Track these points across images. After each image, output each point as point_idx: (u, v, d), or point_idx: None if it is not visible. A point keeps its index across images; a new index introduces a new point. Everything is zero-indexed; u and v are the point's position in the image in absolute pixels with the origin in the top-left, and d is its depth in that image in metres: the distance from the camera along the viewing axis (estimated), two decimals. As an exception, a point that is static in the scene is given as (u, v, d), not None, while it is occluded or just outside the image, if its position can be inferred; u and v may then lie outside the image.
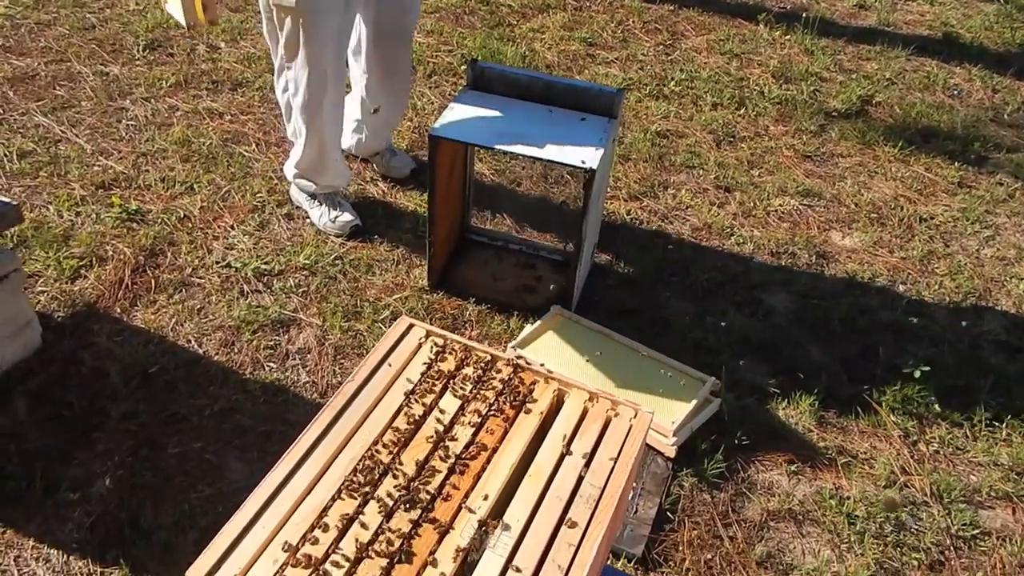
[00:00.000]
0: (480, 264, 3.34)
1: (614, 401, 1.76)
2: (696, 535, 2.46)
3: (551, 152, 2.71)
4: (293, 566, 1.44)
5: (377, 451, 1.63)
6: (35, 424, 2.54)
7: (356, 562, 1.46)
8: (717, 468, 2.63)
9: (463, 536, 1.51)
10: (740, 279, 3.37)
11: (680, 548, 2.42)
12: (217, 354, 2.85)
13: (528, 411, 1.74)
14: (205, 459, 2.53)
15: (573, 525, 1.54)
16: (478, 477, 1.61)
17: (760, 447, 2.73)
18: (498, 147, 2.75)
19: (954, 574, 2.43)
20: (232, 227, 3.39)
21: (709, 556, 2.41)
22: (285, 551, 1.46)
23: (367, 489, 1.56)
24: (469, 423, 1.70)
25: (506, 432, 1.70)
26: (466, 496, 1.58)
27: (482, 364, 1.82)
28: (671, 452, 2.61)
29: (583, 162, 2.69)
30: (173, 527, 2.31)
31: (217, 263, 3.21)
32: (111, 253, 3.19)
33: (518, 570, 1.46)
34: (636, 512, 2.47)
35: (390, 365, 1.81)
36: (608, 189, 3.68)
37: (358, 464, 1.61)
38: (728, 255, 3.50)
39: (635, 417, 1.74)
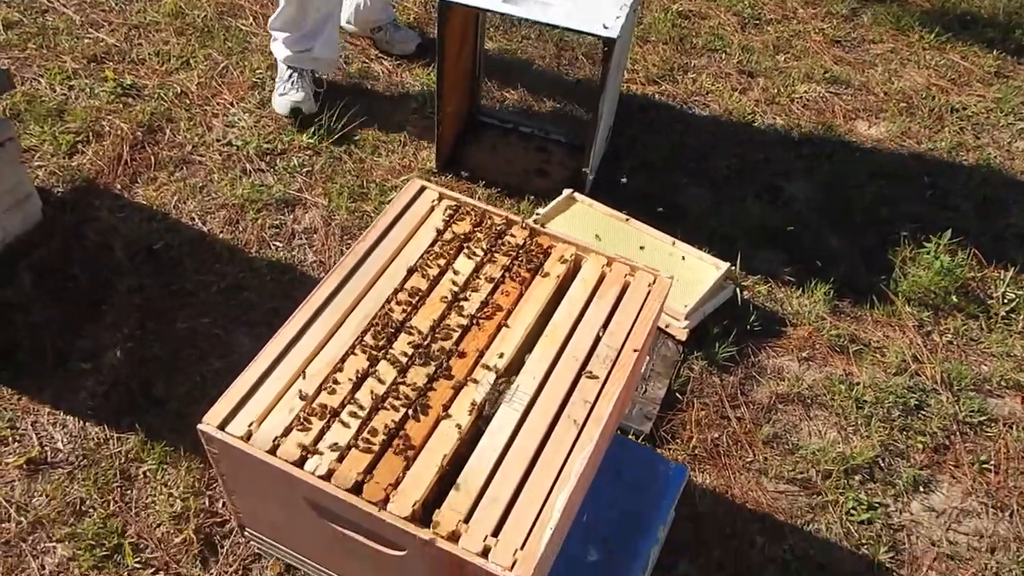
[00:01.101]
0: (490, 146, 3.35)
1: (632, 266, 1.81)
2: (704, 415, 2.55)
3: (569, 18, 2.68)
4: (309, 415, 1.51)
5: (390, 309, 1.69)
6: (41, 297, 2.60)
7: (372, 413, 1.53)
8: (728, 352, 2.70)
9: (478, 391, 1.58)
10: (760, 167, 3.39)
11: (688, 427, 2.51)
12: (222, 232, 2.90)
13: (544, 274, 1.79)
14: (214, 334, 2.60)
15: (590, 381, 1.60)
16: (493, 336, 1.67)
17: (772, 333, 2.80)
18: (512, 12, 2.70)
19: (958, 457, 2.53)
20: (232, 104, 3.38)
21: (716, 435, 2.51)
22: (302, 400, 1.53)
23: (381, 345, 1.63)
24: (484, 285, 1.75)
25: (522, 294, 1.75)
26: (481, 354, 1.64)
27: (497, 227, 1.86)
28: (682, 335, 2.68)
29: (604, 27, 2.65)
30: (185, 397, 2.40)
31: (218, 141, 3.22)
32: (108, 129, 3.19)
33: (533, 423, 1.53)
34: (645, 392, 2.56)
35: (402, 226, 1.84)
36: (625, 72, 3.65)
37: (371, 321, 1.66)
38: (749, 143, 3.50)
39: (654, 283, 1.79)
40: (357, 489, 1.43)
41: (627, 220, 2.96)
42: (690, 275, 2.79)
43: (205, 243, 2.85)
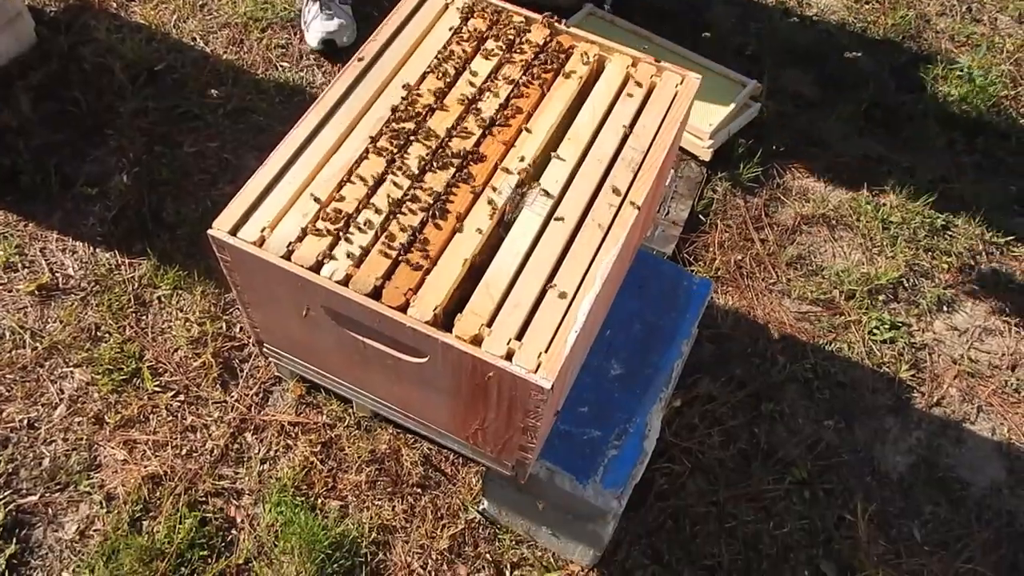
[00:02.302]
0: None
1: (659, 66, 1.64)
2: (727, 237, 2.43)
3: None
4: (324, 220, 1.40)
5: (405, 111, 1.54)
6: (42, 120, 2.45)
7: (388, 217, 1.41)
8: (752, 173, 2.55)
9: (499, 195, 1.45)
10: (787, -18, 3.12)
11: (711, 249, 2.41)
12: (225, 52, 2.70)
13: (566, 75, 1.63)
14: (223, 158, 2.46)
15: (615, 183, 1.47)
16: (514, 139, 1.53)
17: (798, 154, 2.64)
18: None
19: (982, 277, 2.43)
20: (230, -82, 3.10)
21: (739, 257, 2.40)
22: (316, 203, 1.41)
23: (396, 149, 1.49)
24: (503, 86, 1.59)
25: (543, 96, 1.59)
26: (502, 157, 1.50)
27: (516, 26, 1.68)
28: (706, 155, 2.52)
29: None
30: (197, 221, 2.29)
31: (217, -41, 2.97)
32: (101, -54, 2.94)
33: (556, 227, 1.42)
34: (667, 213, 2.43)
35: (414, 25, 1.67)
36: None
37: (385, 123, 1.52)
38: (776, -43, 3.21)
39: (681, 83, 1.62)
40: (376, 294, 1.34)
41: (649, 37, 2.74)
42: (715, 93, 2.61)
43: (209, 64, 2.67)
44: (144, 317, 2.14)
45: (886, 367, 2.23)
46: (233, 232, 1.38)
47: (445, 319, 1.34)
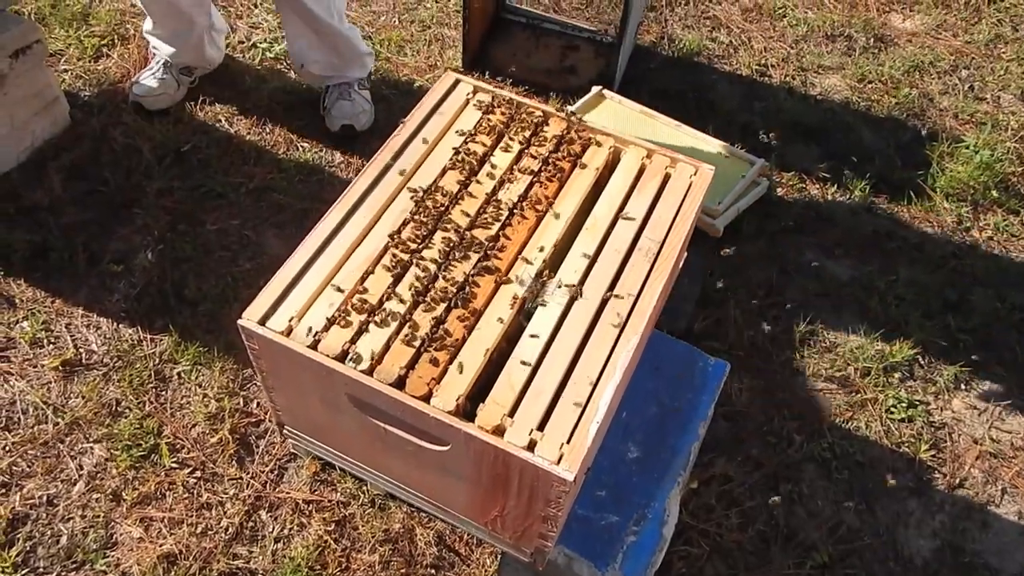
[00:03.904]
0: (517, 45, 3.17)
1: (673, 158, 1.68)
2: (739, 314, 2.44)
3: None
4: (349, 310, 1.42)
5: (428, 203, 1.58)
6: (72, 199, 2.51)
7: (412, 307, 1.43)
8: (761, 249, 2.58)
9: (520, 285, 1.47)
10: (791, 62, 3.19)
11: (723, 325, 2.41)
12: (249, 133, 2.77)
13: (583, 167, 1.66)
14: (244, 235, 2.50)
15: (632, 274, 1.50)
16: (533, 230, 1.56)
17: (807, 231, 2.66)
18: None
19: (1000, 353, 2.42)
20: (255, 5, 3.20)
21: (751, 334, 2.41)
22: (341, 294, 1.44)
23: (420, 240, 1.52)
24: (522, 178, 1.63)
25: (561, 187, 1.63)
26: (522, 247, 1.53)
27: (534, 120, 1.72)
28: (717, 232, 2.55)
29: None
30: (218, 298, 2.32)
31: (241, 43, 3.06)
32: (133, 32, 3.03)
33: (576, 317, 1.44)
34: (679, 290, 2.45)
35: (437, 120, 1.72)
36: (654, -34, 3.43)
37: (410, 215, 1.56)
38: (780, 38, 3.29)
39: (695, 174, 1.66)
40: (400, 384, 1.35)
41: (656, 116, 2.80)
42: (723, 171, 2.65)
43: (233, 144, 2.73)
44: (164, 393, 2.16)
45: (905, 447, 2.21)
46: (262, 322, 1.40)
47: (468, 406, 1.35)
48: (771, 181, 2.73)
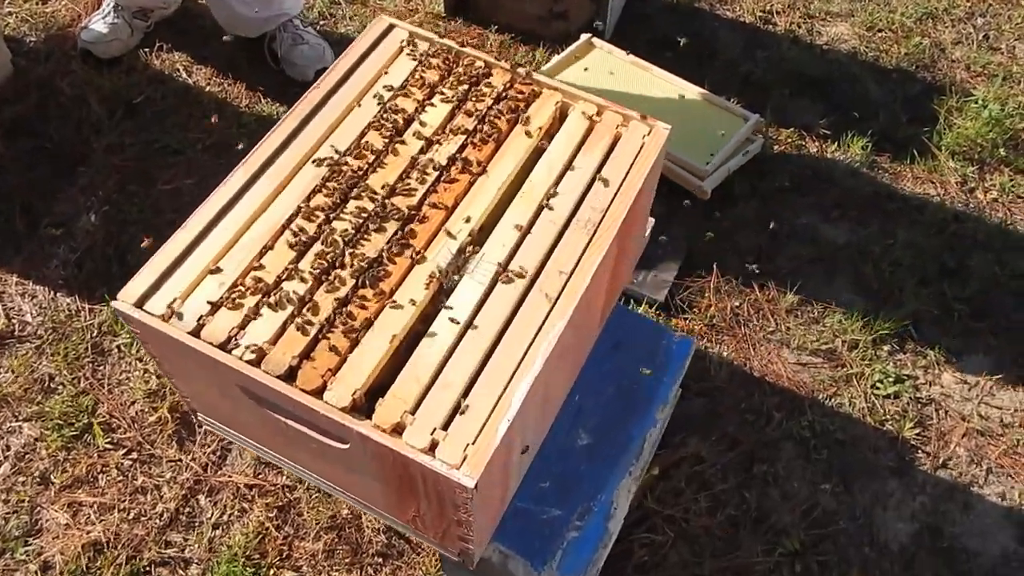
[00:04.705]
0: (502, -12, 2.93)
1: (626, 115, 1.47)
2: (724, 282, 2.24)
3: None
4: (242, 290, 1.25)
5: (344, 165, 1.39)
6: (13, 156, 2.35)
7: (314, 287, 1.26)
8: (754, 212, 2.37)
9: (439, 260, 1.29)
10: (798, 8, 2.92)
11: (706, 295, 2.22)
12: (209, 85, 2.58)
13: (525, 125, 1.46)
14: (199, 195, 2.32)
15: (567, 248, 1.31)
16: (461, 197, 1.37)
17: (803, 191, 2.44)
18: None
19: (997, 322, 2.21)
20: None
21: (736, 304, 2.21)
22: (234, 272, 1.26)
23: (331, 208, 1.34)
24: (454, 138, 1.43)
25: (497, 148, 1.43)
26: (446, 219, 1.34)
27: (474, 71, 1.52)
28: (704, 195, 2.34)
29: None
30: (163, 263, 2.17)
31: (207, -12, 2.86)
32: (88, -27, 2.84)
33: (498, 298, 1.25)
34: (661, 257, 2.25)
35: (365, 70, 1.52)
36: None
37: (322, 180, 1.37)
38: (786, -20, 3.01)
39: (649, 134, 1.45)
40: (291, 375, 1.18)
41: (648, 68, 2.57)
42: (716, 127, 2.42)
43: (191, 96, 2.55)
44: (101, 367, 2.02)
45: (889, 424, 2.02)
46: (140, 303, 1.24)
47: (371, 400, 1.18)
48: (767, 138, 2.50)
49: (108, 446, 1.90)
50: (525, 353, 1.21)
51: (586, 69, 2.57)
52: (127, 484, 1.87)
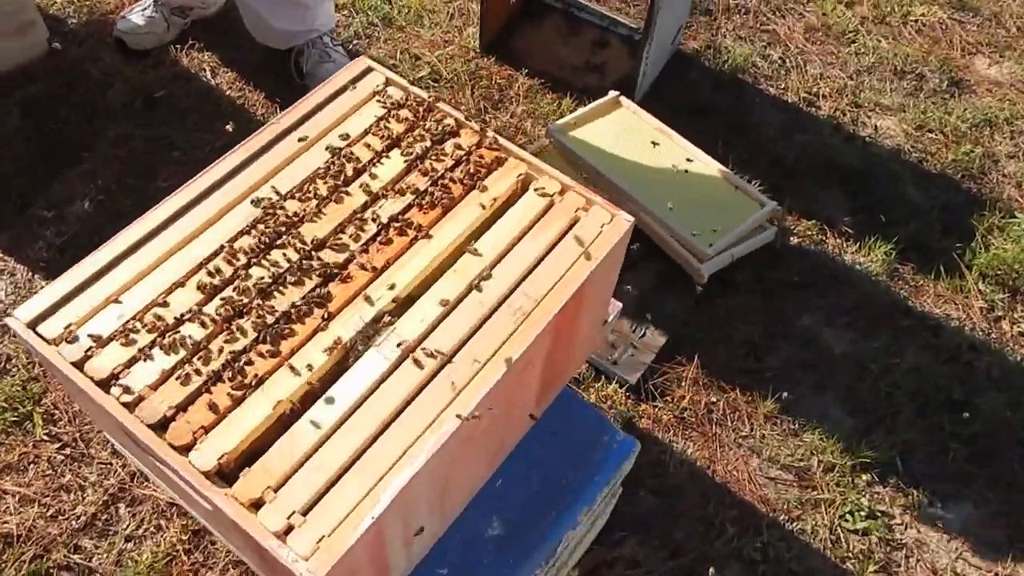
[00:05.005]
0: (546, 32, 2.86)
1: (589, 199, 1.37)
2: (705, 374, 2.12)
3: None
4: (140, 325, 1.19)
5: (282, 207, 1.32)
6: (24, 134, 2.36)
7: (214, 335, 1.19)
8: (753, 304, 2.23)
9: (349, 326, 1.21)
10: (846, 95, 2.78)
11: (683, 384, 2.10)
12: (230, 89, 2.57)
13: (481, 192, 1.38)
14: (193, 198, 2.31)
15: (487, 336, 1.22)
16: (392, 261, 1.29)
17: (812, 289, 2.30)
18: None
19: (994, 471, 2.03)
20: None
21: (713, 399, 2.08)
22: (137, 305, 1.21)
23: (256, 250, 1.27)
24: (402, 196, 1.36)
25: (444, 214, 1.35)
26: (371, 281, 1.26)
27: (442, 128, 1.44)
28: (701, 278, 2.22)
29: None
30: (141, 262, 2.14)
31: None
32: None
33: (401, 378, 1.17)
34: (644, 336, 2.14)
35: (331, 111, 1.45)
36: (715, -35, 3.05)
37: (256, 221, 1.31)
38: (842, 64, 2.87)
39: (609, 223, 1.35)
40: (164, 426, 1.12)
41: (670, 134, 2.46)
42: (728, 209, 2.30)
43: (211, 98, 2.54)
44: (56, 357, 1.99)
45: (850, 563, 1.87)
46: (35, 323, 1.19)
47: (234, 469, 1.11)
48: (784, 228, 2.36)
49: (45, 437, 1.87)
50: (412, 444, 1.12)
51: (608, 126, 2.48)
52: (54, 479, 1.83)
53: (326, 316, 1.22)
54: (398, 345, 1.19)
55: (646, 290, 2.23)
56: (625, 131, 2.47)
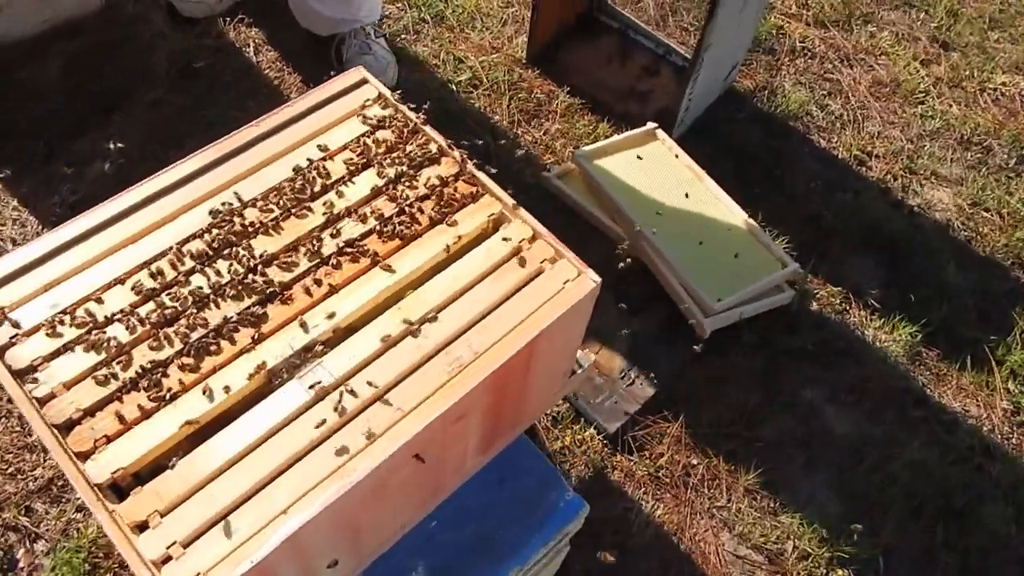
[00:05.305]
0: (598, 50, 2.76)
1: (558, 251, 1.29)
2: (690, 433, 2.02)
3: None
4: (70, 319, 1.16)
5: (240, 215, 1.28)
6: (61, 87, 2.38)
7: (141, 339, 1.16)
8: (756, 366, 2.12)
9: (277, 352, 1.16)
10: (902, 159, 2.62)
11: (665, 441, 2.00)
12: (270, 69, 2.55)
13: (450, 227, 1.31)
14: (211, 174, 2.30)
15: (414, 385, 1.15)
16: (339, 288, 1.24)
17: (822, 361, 2.17)
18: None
19: (990, 591, 1.89)
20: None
21: (694, 462, 1.98)
22: (71, 298, 1.18)
23: (202, 257, 1.23)
24: (365, 219, 1.30)
25: (403, 245, 1.29)
26: (310, 307, 1.21)
27: (422, 153, 1.38)
28: (703, 333, 2.11)
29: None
30: (146, 232, 2.14)
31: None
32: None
33: (316, 416, 1.12)
34: (631, 384, 2.05)
35: (314, 119, 1.41)
36: (789, 4, 2.91)
37: (210, 224, 1.27)
38: (905, 125, 2.71)
39: (574, 280, 1.27)
40: (69, 427, 1.08)
41: (700, 177, 2.35)
42: (746, 264, 2.19)
43: (249, 75, 2.52)
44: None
45: (806, 662, 1.76)
46: (-32, 300, 1.17)
47: (129, 485, 1.07)
48: (806, 291, 2.24)
49: (18, 394, 1.88)
50: (314, 488, 1.07)
51: (638, 158, 2.38)
52: (20, 437, 1.84)
53: (256, 337, 1.17)
54: (318, 383, 1.14)
55: (645, 335, 2.13)
56: (654, 166, 2.37)
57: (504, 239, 1.30)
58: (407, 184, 1.34)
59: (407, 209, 1.31)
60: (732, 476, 1.97)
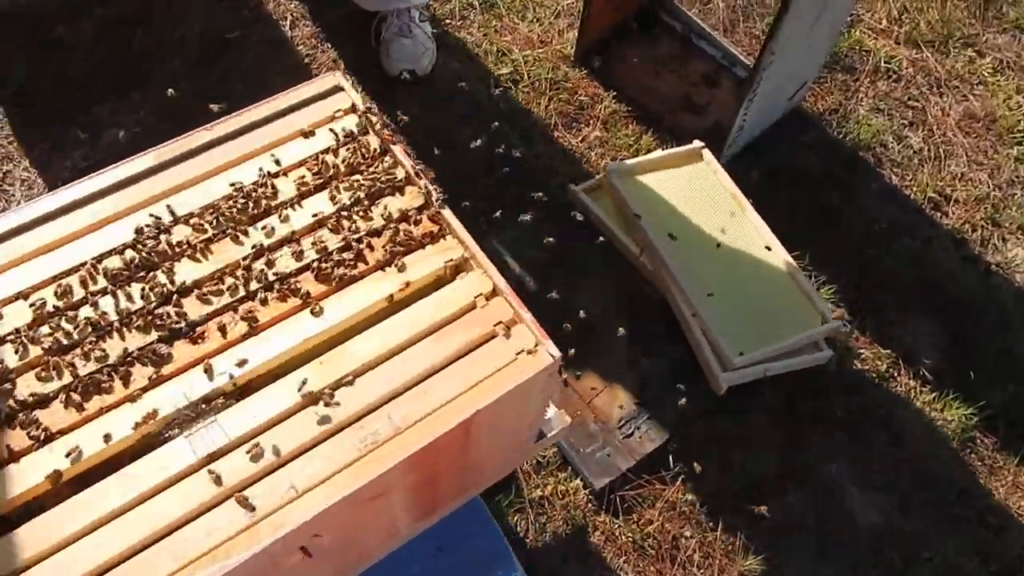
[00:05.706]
0: (655, 53, 2.52)
1: (518, 314, 1.11)
2: (688, 501, 1.81)
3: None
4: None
5: (168, 233, 1.14)
6: (90, 51, 2.30)
7: (28, 367, 1.03)
8: (775, 434, 1.89)
9: (172, 400, 1.02)
10: (985, 207, 2.31)
11: (656, 506, 1.80)
12: (303, 45, 2.41)
13: (399, 271, 1.14)
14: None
15: (319, 464, 0.99)
16: (259, 332, 1.09)
17: (854, 436, 1.92)
18: None
19: None
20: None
21: (687, 534, 1.78)
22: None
23: (117, 278, 1.10)
24: (301, 254, 1.14)
25: (344, 287, 1.13)
26: (220, 351, 1.07)
27: (386, 179, 1.21)
28: (719, 388, 1.88)
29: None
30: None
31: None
32: None
33: (197, 485, 0.97)
34: (629, 437, 1.85)
35: (279, 126, 1.25)
36: (879, 18, 2.60)
37: (134, 240, 1.13)
38: (992, 169, 2.39)
39: (531, 352, 1.08)
40: (-65, 459, 0.98)
41: (743, 206, 2.11)
42: (781, 315, 1.95)
43: (280, 51, 2.39)
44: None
45: None
46: None
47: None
48: (849, 348, 1.99)
49: None
50: (185, 567, 0.93)
51: (676, 180, 2.15)
52: None
53: (154, 379, 1.04)
54: (216, 441, 0.99)
55: (654, 379, 1.92)
56: (692, 191, 2.14)
57: (460, 291, 1.13)
58: (361, 214, 1.18)
59: (354, 244, 1.15)
60: (728, 557, 1.75)
